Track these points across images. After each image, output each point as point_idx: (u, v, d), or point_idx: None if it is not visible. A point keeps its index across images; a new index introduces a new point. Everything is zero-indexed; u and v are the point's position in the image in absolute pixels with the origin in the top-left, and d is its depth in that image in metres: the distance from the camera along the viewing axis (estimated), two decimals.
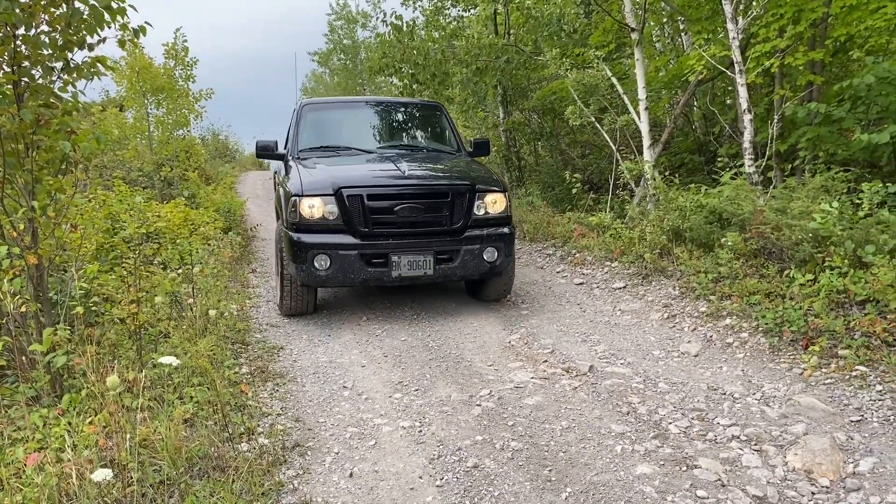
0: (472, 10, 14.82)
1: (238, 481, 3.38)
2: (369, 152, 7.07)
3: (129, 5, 4.44)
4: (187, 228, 8.47)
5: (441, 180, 6.33)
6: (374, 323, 6.39)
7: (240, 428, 4.02)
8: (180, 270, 6.25)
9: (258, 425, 4.14)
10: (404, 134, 8.06)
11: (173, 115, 15.41)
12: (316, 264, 5.81)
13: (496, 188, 6.36)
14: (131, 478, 3.16)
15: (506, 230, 6.36)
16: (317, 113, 7.75)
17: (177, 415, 3.74)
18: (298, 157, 6.95)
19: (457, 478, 3.57)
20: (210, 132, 26.00)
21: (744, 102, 7.83)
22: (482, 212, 6.23)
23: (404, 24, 11.82)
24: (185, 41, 15.25)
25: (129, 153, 14.80)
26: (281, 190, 6.76)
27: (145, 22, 5.02)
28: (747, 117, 7.80)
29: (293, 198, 5.97)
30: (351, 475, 3.63)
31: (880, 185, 6.23)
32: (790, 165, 8.82)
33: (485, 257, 6.18)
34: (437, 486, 3.50)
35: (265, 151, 7.25)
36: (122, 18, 4.41)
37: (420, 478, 3.59)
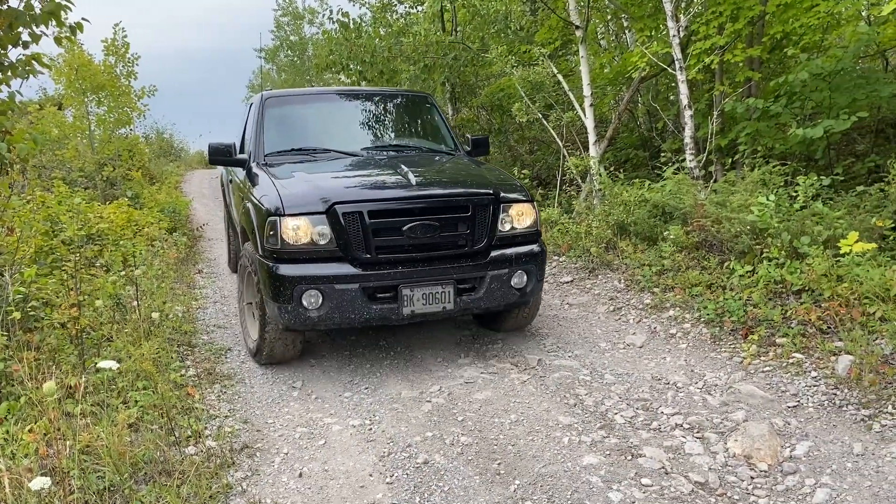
0: (419, 8, 14.81)
1: (185, 485, 3.34)
2: (354, 155, 5.77)
3: (67, 2, 4.34)
4: (131, 229, 8.29)
5: (457, 189, 5.04)
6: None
7: (186, 431, 3.96)
8: (123, 273, 6.12)
9: (206, 428, 4.10)
10: (392, 131, 6.69)
11: (115, 114, 15.05)
12: (305, 303, 4.49)
13: (522, 197, 5.13)
14: (72, 486, 3.09)
15: (536, 248, 5.15)
16: (283, 108, 6.33)
17: (120, 420, 3.68)
18: (266, 164, 5.60)
19: (407, 474, 3.59)
20: (154, 131, 25.47)
21: (684, 99, 8.01)
22: (507, 227, 4.99)
23: (351, 22, 11.76)
24: (126, 36, 14.91)
25: (69, 153, 14.39)
26: (248, 206, 5.21)
27: (82, 18, 4.91)
28: (688, 113, 7.99)
29: (272, 218, 4.58)
30: (300, 475, 3.62)
31: (815, 178, 6.45)
32: (730, 160, 9.05)
33: (513, 283, 4.96)
34: (388, 483, 3.51)
35: (220, 156, 5.84)
36: (64, 15, 4.31)
37: (370, 475, 3.59)
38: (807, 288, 5.21)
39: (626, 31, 13.84)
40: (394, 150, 6.12)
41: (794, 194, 6.19)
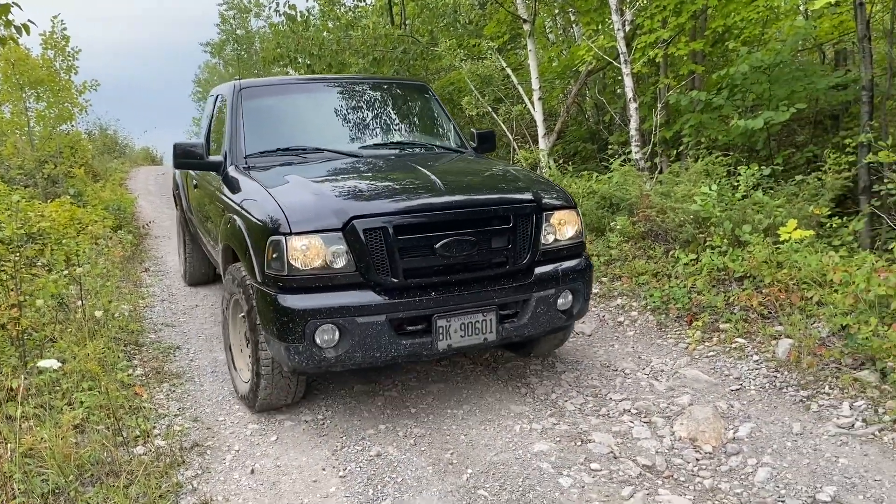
0: (367, 0, 14.74)
1: (133, 485, 3.29)
2: (353, 156, 4.91)
3: (14, 2, 4.20)
4: (74, 228, 8.08)
5: (496, 195, 4.21)
6: None
7: (135, 431, 3.90)
8: (66, 272, 5.97)
9: (154, 427, 4.03)
10: (390, 126, 5.76)
11: (55, 109, 14.62)
12: (319, 341, 3.64)
13: (565, 203, 4.36)
14: (14, 490, 3.02)
15: (583, 263, 4.39)
16: (263, 100, 5.32)
17: (65, 421, 3.61)
18: (248, 168, 4.68)
19: (360, 467, 3.60)
20: (97, 127, 24.82)
21: (629, 92, 8.15)
22: (551, 239, 4.23)
23: (298, 14, 11.64)
24: (65, 29, 14.49)
25: (6, 150, 13.94)
26: (235, 221, 4.25)
27: (28, 20, 4.76)
28: (633, 106, 8.13)
29: (274, 238, 3.68)
30: (252, 472, 3.59)
31: (756, 168, 6.65)
32: (675, 151, 9.25)
33: (559, 305, 4.21)
34: (341, 476, 3.52)
35: (190, 159, 4.85)
36: (11, 15, 4.17)
37: (323, 469, 3.59)
38: (748, 275, 5.37)
39: (574, 25, 14.00)
40: (395, 149, 5.29)
41: (736, 184, 6.37)
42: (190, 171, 6.30)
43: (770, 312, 5.04)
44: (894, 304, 4.23)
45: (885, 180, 5.63)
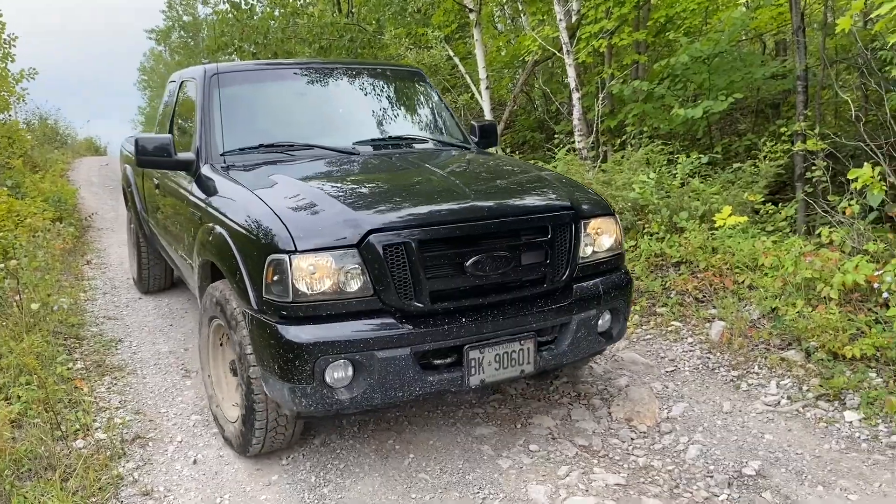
0: None
1: (72, 479, 3.27)
2: (348, 153, 4.30)
3: None
4: (12, 220, 7.88)
5: (532, 201, 3.64)
6: None
7: (74, 425, 3.86)
8: (2, 265, 5.83)
9: (95, 420, 4.00)
10: (388, 119, 5.02)
11: None
12: (329, 379, 3.06)
13: (603, 210, 3.82)
14: None
15: (623, 278, 3.86)
16: (239, 88, 4.60)
17: (1, 416, 3.55)
18: (227, 167, 4.10)
19: (303, 455, 3.63)
20: (37, 116, 24.09)
21: (572, 81, 8.28)
22: (589, 251, 3.69)
23: (243, 2, 11.49)
24: (0, 16, 14.02)
25: None
26: (220, 233, 3.59)
27: None
28: (576, 95, 8.25)
29: (275, 257, 3.07)
30: (195, 462, 3.60)
31: (696, 156, 6.83)
32: (619, 140, 9.42)
33: (599, 327, 3.70)
34: (283, 464, 3.55)
35: (157, 156, 4.17)
36: None
37: (267, 458, 3.61)
38: (685, 260, 5.53)
39: (522, 15, 14.11)
40: (394, 144, 4.66)
41: (674, 172, 6.54)
42: (162, 171, 5.34)
43: (705, 296, 5.21)
44: (819, 286, 4.41)
45: (813, 168, 5.84)
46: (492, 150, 5.51)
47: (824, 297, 4.37)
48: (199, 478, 3.46)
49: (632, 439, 3.72)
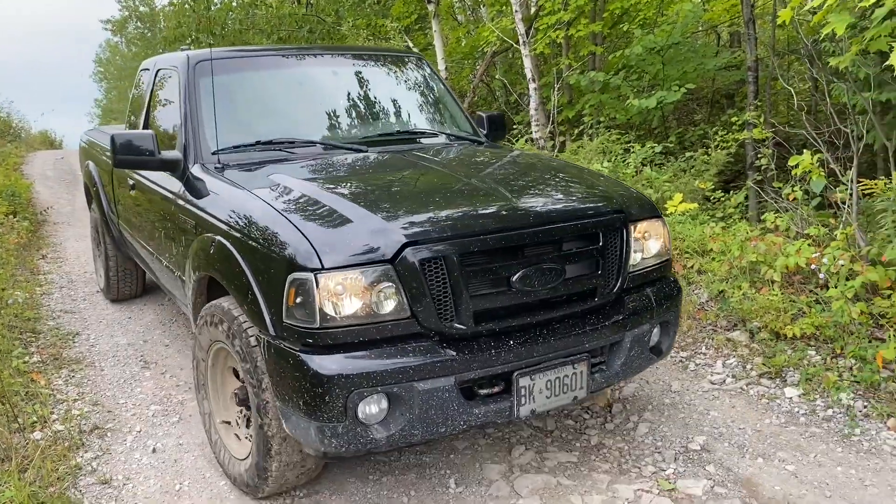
0: None
1: (30, 469, 3.28)
2: (358, 150, 3.86)
3: None
4: None
5: (577, 204, 3.27)
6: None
7: (31, 417, 3.86)
8: None
9: (52, 412, 4.00)
10: (396, 111, 4.58)
11: None
12: (363, 417, 2.68)
13: (650, 212, 3.46)
14: None
15: (673, 287, 3.54)
16: (231, 77, 4.11)
17: None
18: (222, 166, 3.68)
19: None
20: None
21: (529, 72, 8.39)
22: (638, 258, 3.33)
23: None
24: None
25: None
26: (225, 246, 3.13)
27: None
28: (532, 86, 8.37)
29: (298, 276, 2.67)
30: (154, 451, 3.63)
31: (650, 145, 6.99)
32: (577, 130, 9.57)
33: (650, 342, 3.37)
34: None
35: (137, 155, 3.71)
36: None
37: None
38: None
39: (481, 6, 14.18)
40: (405, 140, 4.26)
41: (628, 161, 6.69)
42: (138, 171, 4.81)
43: None
44: (764, 269, 4.58)
45: (759, 156, 6.03)
46: (501, 143, 5.03)
47: (768, 280, 4.54)
48: (159, 466, 3.49)
49: (584, 419, 3.84)
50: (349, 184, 3.40)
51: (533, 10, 9.59)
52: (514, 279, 2.85)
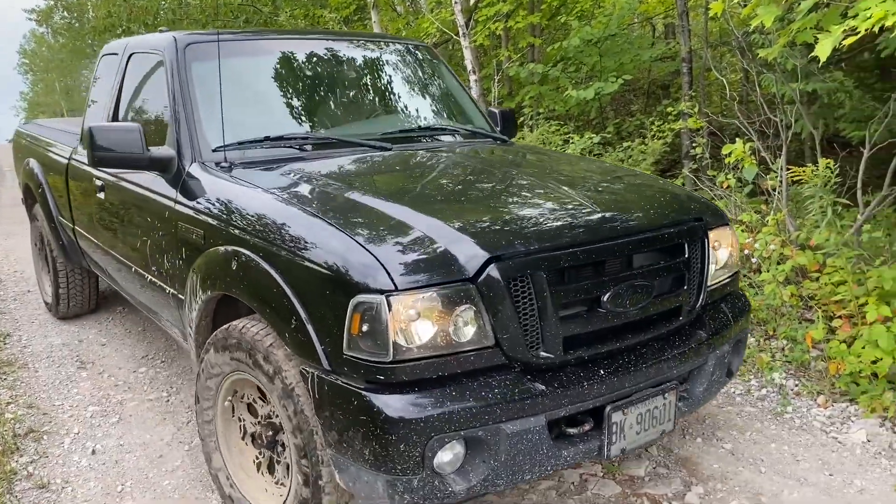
0: None
1: None
2: (381, 149, 3.44)
3: None
4: None
5: (662, 213, 2.87)
6: (111, 299, 6.05)
7: None
8: None
9: None
10: (412, 104, 4.18)
11: None
12: (439, 466, 2.26)
13: (721, 219, 3.10)
14: None
15: (745, 301, 3.26)
16: (228, 64, 3.52)
17: None
18: (228, 165, 3.19)
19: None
20: None
21: (469, 64, 8.41)
22: (712, 269, 2.98)
23: None
24: None
25: None
26: (262, 265, 2.59)
27: None
28: (472, 78, 8.40)
29: (362, 298, 2.22)
30: (94, 452, 3.54)
31: (589, 136, 7.10)
32: (518, 121, 9.65)
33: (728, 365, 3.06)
34: (187, 450, 3.54)
35: (120, 151, 3.18)
36: None
37: (168, 444, 3.59)
38: None
39: None
40: (424, 136, 3.87)
41: (567, 152, 6.78)
42: (75, 162, 4.55)
43: None
44: None
45: (694, 145, 6.19)
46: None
47: None
48: (99, 468, 3.41)
49: None
50: (399, 188, 2.99)
51: (472, 1, 9.61)
52: (605, 299, 2.49)
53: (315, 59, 3.98)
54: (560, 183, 3.02)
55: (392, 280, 2.18)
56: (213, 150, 3.25)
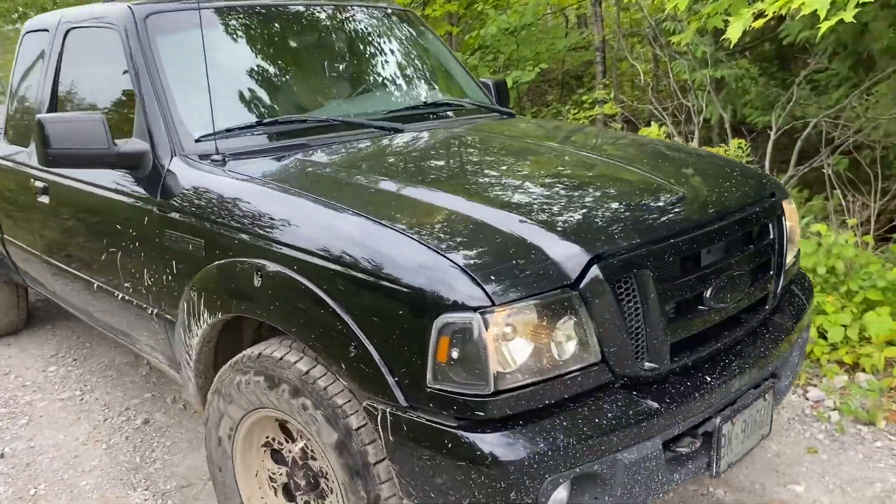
0: None
1: None
2: (392, 130, 3.01)
3: None
4: None
5: (737, 190, 2.55)
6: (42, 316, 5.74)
7: None
8: None
9: None
10: (414, 80, 3.71)
11: None
12: None
13: (784, 192, 2.78)
14: None
15: (808, 281, 3.00)
16: (197, 36, 2.77)
17: None
18: (221, 158, 2.64)
19: (126, 437, 3.50)
20: None
21: None
22: (789, 248, 2.69)
23: None
24: None
25: None
26: (290, 276, 2.10)
27: None
28: None
29: (451, 318, 1.77)
30: (2, 456, 3.36)
31: None
32: None
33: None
34: (105, 448, 3.40)
35: (81, 147, 2.61)
36: None
37: (84, 444, 3.44)
38: None
39: None
40: (431, 113, 3.39)
41: None
42: (6, 162, 3.88)
43: None
44: None
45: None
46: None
47: None
48: (9, 472, 3.23)
49: None
50: (444, 176, 2.56)
51: None
52: (707, 294, 2.19)
53: (299, 27, 3.42)
54: (624, 162, 2.70)
55: (486, 293, 1.77)
56: (196, 141, 2.71)
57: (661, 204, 2.30)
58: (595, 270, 1.89)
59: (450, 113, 3.44)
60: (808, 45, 5.56)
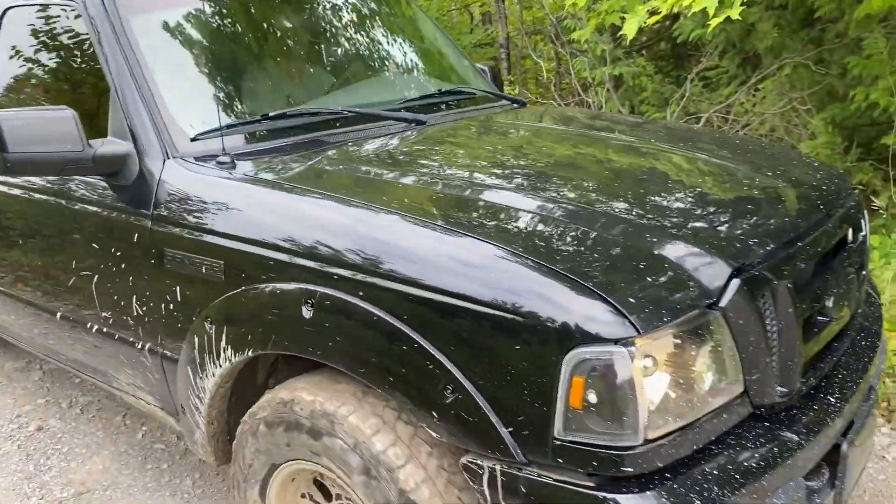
0: None
1: None
2: (413, 121, 2.60)
3: None
4: None
5: (836, 185, 2.32)
6: None
7: None
8: None
9: None
10: (419, 67, 3.32)
11: None
12: None
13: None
14: None
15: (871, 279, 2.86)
16: (173, 13, 2.54)
17: None
18: (230, 161, 2.17)
19: (18, 445, 3.34)
20: None
21: None
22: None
23: None
24: None
25: None
26: (377, 313, 1.67)
27: None
28: None
29: (585, 352, 1.43)
30: None
31: None
32: None
33: None
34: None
35: (46, 153, 2.10)
36: None
37: None
38: None
39: None
40: (442, 101, 2.97)
41: None
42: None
43: None
44: None
45: None
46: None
47: None
48: None
49: None
50: (537, 181, 2.14)
51: None
52: (829, 304, 1.94)
53: (297, 4, 3.01)
54: (716, 157, 2.41)
55: (630, 321, 1.45)
56: (193, 140, 2.29)
57: (780, 205, 2.07)
58: (737, 284, 1.62)
59: (461, 102, 3.07)
60: (700, 44, 5.84)
